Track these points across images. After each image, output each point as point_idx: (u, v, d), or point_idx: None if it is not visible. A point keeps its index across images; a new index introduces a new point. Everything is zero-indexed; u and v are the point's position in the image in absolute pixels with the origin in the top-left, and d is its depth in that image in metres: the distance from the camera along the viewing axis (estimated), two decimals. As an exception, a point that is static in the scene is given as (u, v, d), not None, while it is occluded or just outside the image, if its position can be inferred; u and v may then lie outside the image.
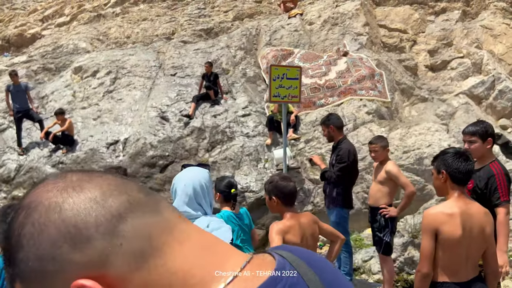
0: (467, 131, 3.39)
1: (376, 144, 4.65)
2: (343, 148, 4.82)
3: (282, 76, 6.83)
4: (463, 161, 2.42)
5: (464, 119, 9.26)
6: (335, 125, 4.94)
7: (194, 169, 2.36)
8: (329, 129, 4.95)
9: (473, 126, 3.39)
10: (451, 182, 2.43)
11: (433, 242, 2.32)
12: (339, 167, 4.77)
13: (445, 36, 12.04)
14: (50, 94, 11.69)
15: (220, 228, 2.09)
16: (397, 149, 7.17)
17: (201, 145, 8.38)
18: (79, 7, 19.75)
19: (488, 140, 3.25)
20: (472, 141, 3.30)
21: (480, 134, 3.24)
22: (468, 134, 3.34)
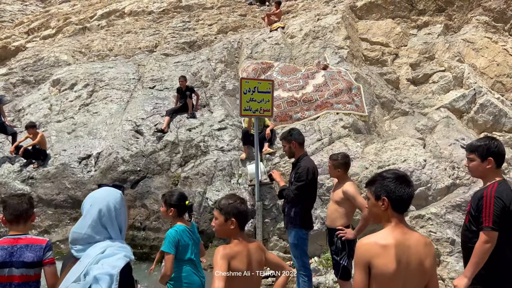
0: (468, 146, 3.13)
1: (335, 160, 4.45)
2: (302, 166, 4.58)
3: (253, 90, 6.69)
4: (406, 186, 2.18)
5: (444, 133, 9.12)
6: (297, 141, 4.73)
7: (106, 190, 2.16)
8: (291, 144, 4.72)
9: (475, 142, 3.11)
10: (392, 210, 2.18)
11: (365, 276, 2.09)
12: (297, 186, 4.52)
13: (427, 50, 12.00)
14: (27, 107, 11.45)
15: (113, 256, 1.90)
16: (371, 164, 6.99)
17: (174, 159, 8.16)
18: (65, 20, 19.67)
19: (488, 159, 2.94)
20: (471, 158, 3.05)
21: (480, 152, 2.97)
22: (468, 151, 3.10)
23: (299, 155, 4.71)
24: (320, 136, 7.88)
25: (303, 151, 4.80)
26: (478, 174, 3.07)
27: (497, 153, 2.95)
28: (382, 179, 2.21)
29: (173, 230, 3.58)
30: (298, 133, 4.79)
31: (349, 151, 7.34)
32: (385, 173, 2.24)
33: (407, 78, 11.53)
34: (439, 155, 7.40)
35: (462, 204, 6.09)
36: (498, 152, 2.96)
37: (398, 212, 2.18)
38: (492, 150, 2.95)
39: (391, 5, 13.10)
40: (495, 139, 3.03)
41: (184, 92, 9.23)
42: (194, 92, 9.40)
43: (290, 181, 4.68)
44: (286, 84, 9.15)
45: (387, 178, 2.20)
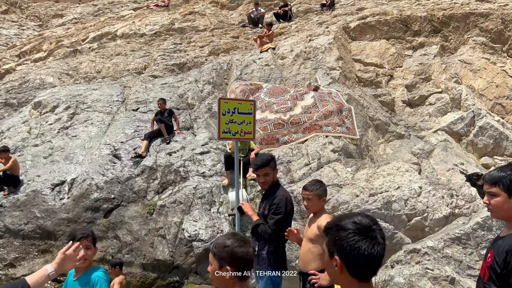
0: (488, 177, 2.35)
1: (310, 191, 3.75)
2: (278, 196, 3.95)
3: (233, 111, 6.15)
4: (370, 243, 1.49)
5: (442, 157, 8.56)
6: (276, 167, 4.18)
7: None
8: (275, 172, 4.13)
9: (498, 172, 2.32)
10: (349, 275, 1.53)
11: None
12: (275, 220, 3.86)
13: (423, 71, 11.57)
14: (6, 131, 10.96)
15: None
16: (362, 191, 6.40)
17: (151, 186, 7.59)
18: (57, 43, 19.46)
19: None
20: (493, 193, 2.28)
21: (506, 184, 2.23)
22: (489, 183, 2.31)
23: (273, 183, 4.11)
24: (308, 161, 7.33)
25: (276, 178, 4.22)
26: (503, 214, 2.29)
27: None
28: (337, 230, 1.56)
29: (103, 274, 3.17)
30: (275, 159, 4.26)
31: (338, 177, 6.79)
32: (344, 221, 1.58)
33: (403, 99, 11.06)
34: (436, 182, 6.82)
35: (462, 237, 5.47)
36: None
37: (358, 279, 1.54)
38: None
39: (385, 26, 12.77)
40: None
41: (163, 114, 8.75)
42: (173, 115, 8.91)
43: (263, 214, 4.03)
44: (274, 106, 8.66)
45: (344, 229, 1.54)
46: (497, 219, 2.88)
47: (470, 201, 6.20)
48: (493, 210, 2.30)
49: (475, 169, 8.14)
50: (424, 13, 13.13)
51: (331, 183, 6.70)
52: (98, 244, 7.38)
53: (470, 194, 6.31)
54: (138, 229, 7.05)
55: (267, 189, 4.12)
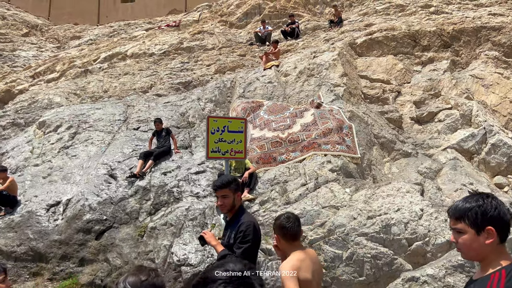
0: (452, 211, 1.95)
1: (275, 225, 3.17)
2: (245, 222, 3.50)
3: (223, 129, 5.96)
4: None
5: (450, 177, 8.12)
6: (239, 190, 3.74)
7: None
8: (236, 195, 3.64)
9: (463, 203, 1.91)
10: None
11: None
12: (243, 249, 3.41)
13: (432, 87, 11.19)
14: (11, 150, 10.99)
15: None
16: (360, 214, 6.04)
17: (144, 207, 7.38)
18: (70, 63, 19.80)
19: (487, 230, 1.82)
20: (459, 230, 1.89)
21: (472, 219, 1.84)
22: (453, 218, 1.93)
23: (236, 209, 3.66)
24: (304, 181, 7.02)
25: (240, 202, 3.79)
26: (473, 254, 1.91)
27: (499, 219, 1.82)
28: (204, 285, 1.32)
29: None
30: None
31: (335, 198, 6.45)
32: (213, 271, 1.33)
33: (411, 116, 10.67)
34: (440, 203, 6.41)
35: (466, 264, 5.05)
36: (499, 217, 1.83)
37: None
38: (490, 214, 1.83)
39: (393, 41, 12.49)
40: (493, 197, 1.88)
41: (160, 133, 8.60)
42: (170, 134, 8.75)
43: (228, 243, 3.56)
44: (272, 124, 8.42)
45: (214, 280, 1.30)
46: None
47: (476, 225, 5.77)
48: (461, 250, 1.92)
49: (486, 189, 7.67)
50: (433, 27, 12.82)
51: (328, 205, 6.37)
52: (88, 267, 7.19)
53: (476, 217, 5.88)
54: (128, 252, 6.82)
55: (231, 215, 3.66)
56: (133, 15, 35.81)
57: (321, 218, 6.25)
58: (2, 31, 31.62)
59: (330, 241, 5.95)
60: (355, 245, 5.79)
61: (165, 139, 8.61)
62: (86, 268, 7.01)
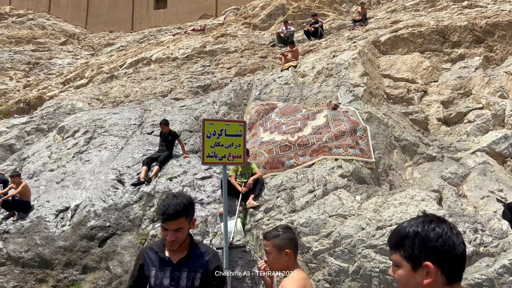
0: (389, 237, 1.51)
1: (268, 240, 2.59)
2: (214, 257, 2.52)
3: (220, 133, 5.64)
4: None
5: (477, 182, 7.41)
6: None
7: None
8: (192, 224, 2.51)
9: (404, 227, 1.44)
10: None
11: None
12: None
13: (462, 85, 10.41)
14: (32, 155, 11.15)
15: None
16: (369, 223, 5.53)
17: (147, 214, 7.16)
18: (98, 69, 20.17)
19: (424, 265, 1.34)
20: (395, 262, 1.44)
21: (409, 250, 1.39)
22: (391, 247, 1.48)
23: (191, 241, 2.56)
24: (312, 187, 6.56)
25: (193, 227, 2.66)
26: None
27: (442, 252, 1.34)
28: None
29: None
30: None
31: (343, 206, 5.97)
32: None
33: (438, 117, 9.95)
34: (460, 213, 5.78)
35: (484, 283, 4.45)
36: (443, 250, 1.34)
37: None
38: (431, 245, 1.35)
39: (420, 38, 11.77)
40: (440, 222, 1.39)
41: (167, 137, 8.39)
42: (177, 138, 8.52)
43: (187, 286, 2.47)
44: (283, 127, 8.02)
45: None
46: None
47: (500, 238, 5.12)
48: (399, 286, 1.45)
49: (518, 197, 6.94)
50: (464, 22, 11.99)
51: (335, 213, 5.90)
52: (91, 275, 7.05)
53: (500, 228, 5.23)
54: (129, 260, 6.61)
55: (178, 251, 2.51)
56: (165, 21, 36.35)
57: (327, 228, 5.79)
58: (41, 40, 32.83)
59: (335, 253, 5.48)
60: (363, 258, 5.29)
61: (169, 143, 8.39)
62: (89, 276, 6.86)
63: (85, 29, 37.77)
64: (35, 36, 32.63)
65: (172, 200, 2.41)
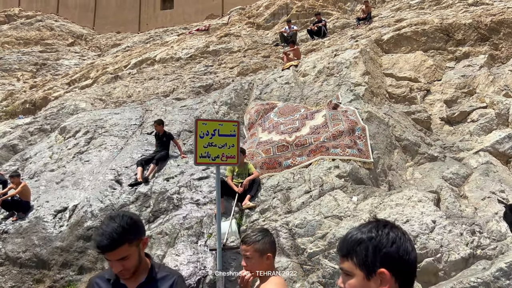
0: (339, 244, 1.38)
1: (248, 244, 2.45)
2: (174, 275, 2.14)
3: (213, 133, 5.57)
4: None
5: (479, 183, 7.26)
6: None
7: None
8: (142, 246, 2.05)
9: (355, 233, 1.33)
10: None
11: None
12: None
13: (466, 84, 10.23)
14: (34, 156, 11.20)
15: None
16: (364, 225, 5.42)
17: (143, 214, 7.12)
18: (103, 70, 20.24)
19: (379, 272, 1.24)
20: (345, 271, 1.32)
21: (362, 257, 1.28)
22: (340, 254, 1.35)
23: (149, 266, 2.12)
24: (309, 187, 6.47)
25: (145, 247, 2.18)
26: None
27: (397, 259, 1.25)
28: None
29: None
30: None
31: (338, 207, 5.87)
32: None
33: (441, 117, 9.79)
34: (458, 214, 5.65)
35: (480, 286, 4.33)
36: (398, 255, 1.25)
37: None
38: (385, 251, 1.26)
39: (423, 36, 11.60)
40: (392, 227, 1.31)
41: (161, 138, 8.35)
42: (172, 139, 8.46)
43: None
44: (281, 127, 7.93)
45: None
46: None
47: (498, 240, 4.99)
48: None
49: (520, 198, 6.78)
50: (469, 20, 11.80)
51: (330, 214, 5.80)
52: (87, 276, 7.03)
53: (499, 230, 5.10)
54: (124, 261, 6.57)
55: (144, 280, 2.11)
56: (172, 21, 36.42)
57: (322, 229, 5.70)
58: (49, 41, 33.07)
59: (330, 255, 5.38)
60: (357, 261, 5.19)
61: (164, 144, 8.35)
62: (85, 277, 6.85)
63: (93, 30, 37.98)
64: (43, 37, 32.86)
65: (108, 226, 1.90)
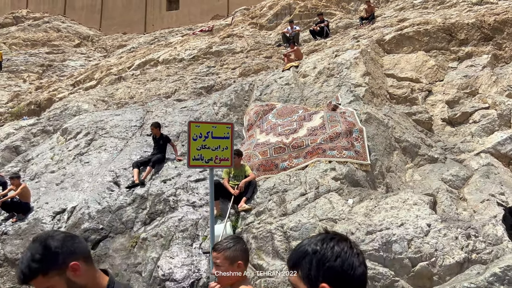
0: (289, 256, 1.36)
1: (219, 252, 2.38)
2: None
3: (207, 135, 5.54)
4: None
5: (479, 185, 7.16)
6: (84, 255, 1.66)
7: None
8: (72, 272, 1.51)
9: (304, 245, 1.31)
10: None
11: None
12: None
13: (468, 84, 10.10)
14: (36, 157, 11.27)
15: None
16: (359, 228, 5.37)
17: (140, 216, 7.12)
18: (107, 71, 20.32)
19: (321, 286, 1.20)
20: (293, 284, 1.29)
21: (306, 270, 1.24)
22: (288, 266, 1.33)
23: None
24: (304, 190, 6.42)
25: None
26: None
27: (340, 274, 1.21)
28: None
29: None
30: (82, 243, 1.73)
31: (333, 210, 5.81)
32: None
33: (442, 118, 9.68)
34: (454, 217, 5.57)
35: (474, 292, 4.25)
36: (341, 270, 1.21)
37: None
38: (328, 265, 1.21)
39: (425, 36, 11.48)
40: (340, 239, 1.27)
41: (158, 141, 8.34)
42: (169, 142, 8.43)
43: None
44: (279, 128, 7.89)
45: None
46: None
47: (494, 244, 4.90)
48: None
49: (521, 200, 6.67)
50: (472, 19, 11.66)
51: (325, 217, 5.75)
52: (83, 277, 7.06)
53: (495, 234, 5.01)
54: (120, 263, 6.58)
55: None
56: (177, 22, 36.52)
57: (316, 232, 5.64)
58: (56, 42, 33.28)
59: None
60: (351, 264, 5.13)
61: (161, 147, 8.33)
62: (81, 278, 6.85)
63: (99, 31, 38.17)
64: (50, 38, 33.08)
65: (24, 255, 1.54)
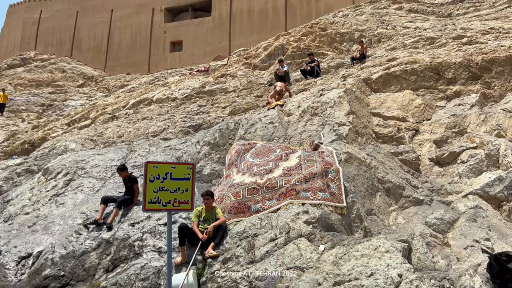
0: None
1: None
2: None
3: (165, 176, 5.26)
4: None
5: (464, 230, 6.72)
6: None
7: None
8: None
9: None
10: None
11: None
12: None
13: (456, 124, 9.83)
14: (15, 198, 10.97)
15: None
16: (326, 278, 4.93)
17: (102, 263, 6.71)
18: (102, 110, 20.38)
19: None
20: None
21: None
22: None
23: None
24: (275, 235, 6.03)
25: None
26: None
27: None
28: None
29: None
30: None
31: (301, 257, 5.40)
32: None
33: (430, 157, 9.34)
34: (430, 267, 5.13)
35: None
36: None
37: None
38: None
39: (413, 75, 11.36)
40: None
41: (126, 183, 8.03)
42: (135, 184, 8.02)
43: None
44: (254, 168, 7.58)
45: None
46: None
47: (471, 298, 4.44)
48: None
49: (509, 247, 6.22)
50: (459, 59, 11.56)
51: (292, 265, 5.33)
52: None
53: (472, 286, 4.56)
54: (77, 314, 6.12)
55: None
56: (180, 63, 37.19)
57: (283, 283, 5.21)
58: (59, 83, 33.84)
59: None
60: (316, 319, 4.68)
61: (130, 188, 8.00)
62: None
63: (104, 72, 38.88)
64: (54, 79, 33.64)
65: None
